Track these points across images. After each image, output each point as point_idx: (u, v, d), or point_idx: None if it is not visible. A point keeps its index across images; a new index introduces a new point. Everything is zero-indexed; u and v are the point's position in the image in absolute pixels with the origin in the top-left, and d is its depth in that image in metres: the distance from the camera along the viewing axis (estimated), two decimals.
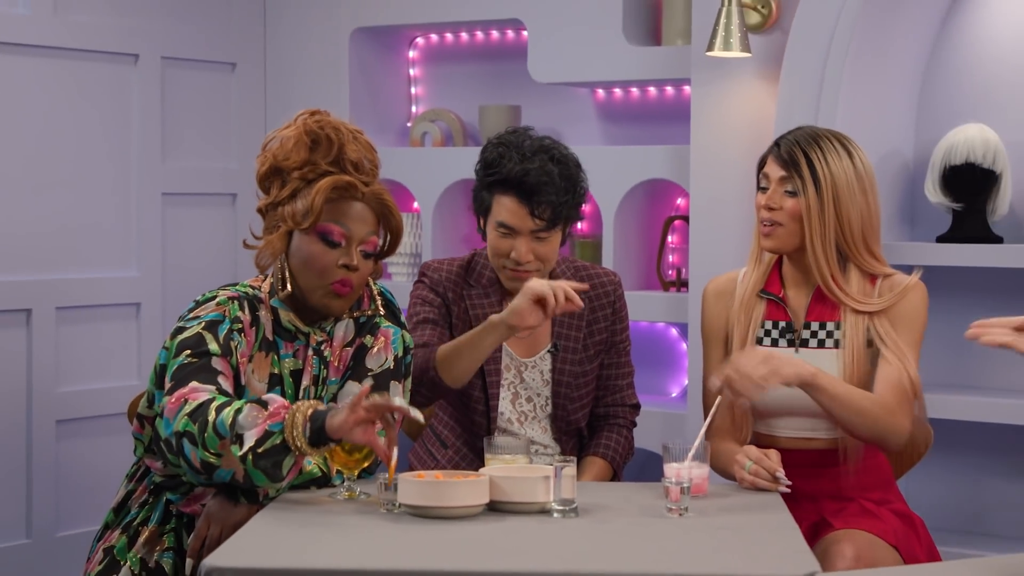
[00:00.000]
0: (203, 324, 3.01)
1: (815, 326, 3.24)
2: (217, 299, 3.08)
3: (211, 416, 2.83)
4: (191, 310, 3.08)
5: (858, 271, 3.23)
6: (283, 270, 3.10)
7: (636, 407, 3.63)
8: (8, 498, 4.43)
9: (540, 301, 3.16)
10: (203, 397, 2.88)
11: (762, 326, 3.26)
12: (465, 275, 3.52)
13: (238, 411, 2.83)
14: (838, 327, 3.23)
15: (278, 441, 2.80)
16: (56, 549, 4.51)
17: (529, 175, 3.34)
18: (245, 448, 2.80)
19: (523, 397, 3.49)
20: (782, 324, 3.26)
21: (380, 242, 3.15)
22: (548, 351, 3.49)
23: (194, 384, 2.91)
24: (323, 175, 3.08)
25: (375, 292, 3.23)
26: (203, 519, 2.99)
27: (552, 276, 3.49)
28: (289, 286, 3.09)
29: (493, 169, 3.40)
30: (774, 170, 3.25)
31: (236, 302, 3.07)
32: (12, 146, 4.42)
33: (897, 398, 3.14)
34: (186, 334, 3.00)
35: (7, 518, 4.42)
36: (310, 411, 2.82)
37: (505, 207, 3.37)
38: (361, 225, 3.09)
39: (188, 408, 2.86)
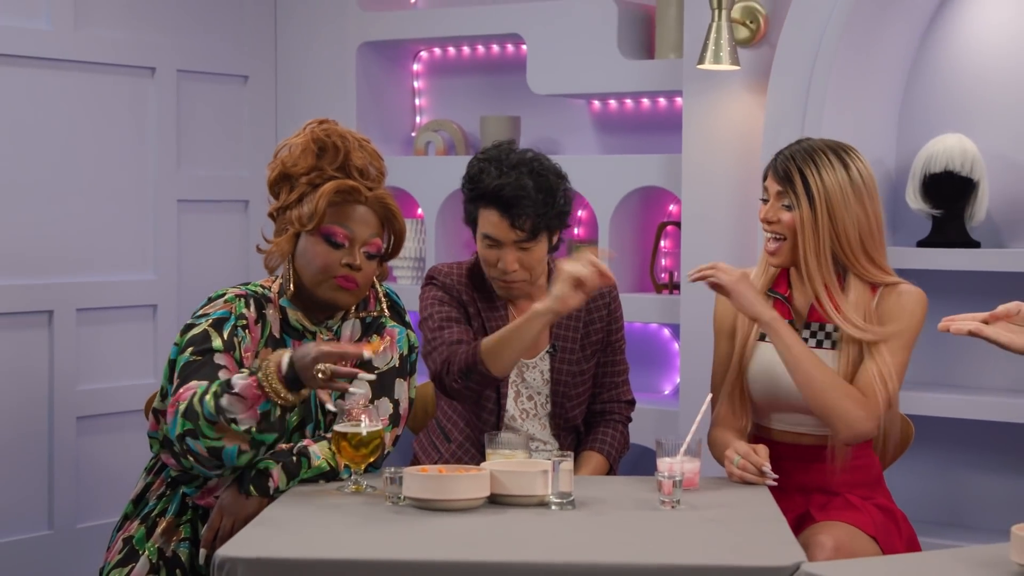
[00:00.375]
0: (210, 321, 3.07)
1: (815, 326, 3.27)
2: (225, 297, 3.14)
3: (198, 408, 2.89)
4: (202, 307, 3.14)
5: (858, 280, 3.24)
6: (290, 271, 3.15)
7: (631, 403, 3.66)
8: (31, 491, 4.45)
9: (578, 283, 3.19)
10: (189, 394, 2.94)
11: None
12: (471, 278, 3.54)
13: (216, 396, 2.89)
14: (837, 329, 3.24)
15: (278, 413, 2.89)
16: (76, 540, 4.52)
17: (504, 190, 3.36)
18: (244, 428, 2.87)
19: (524, 395, 3.53)
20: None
21: (384, 244, 3.19)
22: (547, 352, 3.53)
23: (190, 383, 2.97)
24: (329, 180, 3.13)
25: (381, 294, 3.27)
26: (216, 511, 3.03)
27: (552, 281, 3.50)
28: (293, 286, 3.13)
29: (474, 184, 3.44)
30: (772, 184, 3.26)
31: (243, 300, 3.12)
32: (35, 155, 4.44)
33: (866, 392, 3.16)
34: (194, 331, 3.06)
35: (30, 510, 4.44)
36: (279, 375, 2.89)
37: (488, 220, 3.40)
38: (364, 227, 3.14)
39: (181, 408, 2.92)
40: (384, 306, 3.26)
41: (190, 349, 3.04)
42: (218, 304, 3.12)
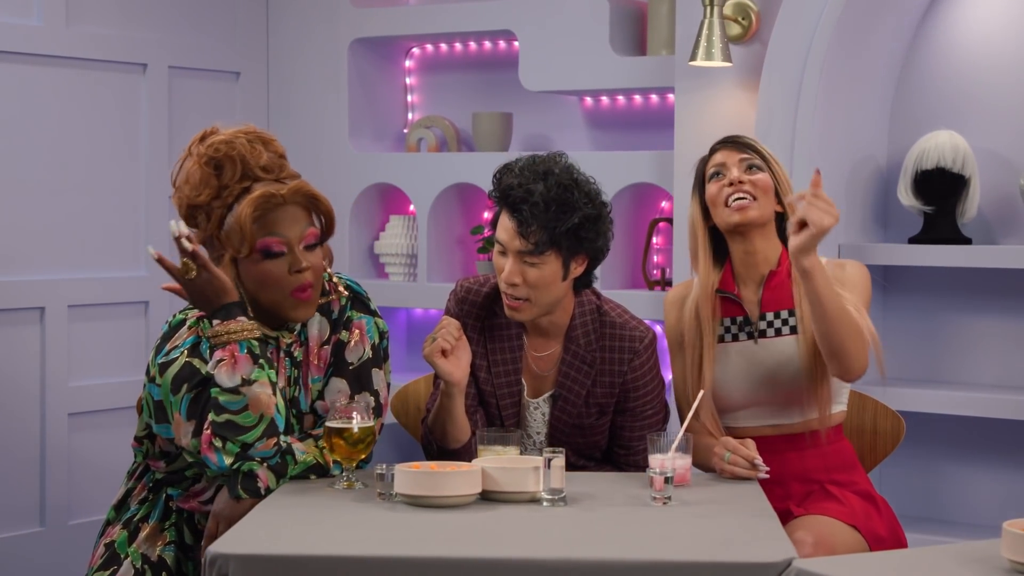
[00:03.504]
0: (186, 352, 3.01)
1: (770, 316, 3.26)
2: (187, 322, 3.07)
3: (225, 418, 2.91)
4: (165, 338, 3.07)
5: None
6: (242, 294, 3.08)
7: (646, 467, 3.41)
8: (23, 488, 4.47)
9: (440, 352, 3.15)
10: (211, 429, 2.94)
11: (721, 323, 3.28)
12: (493, 299, 3.35)
13: (218, 392, 2.92)
14: (792, 314, 3.24)
15: (255, 345, 2.95)
16: (68, 536, 4.55)
17: (513, 191, 3.16)
18: (255, 377, 2.93)
19: (524, 433, 3.37)
20: (740, 319, 3.28)
21: (318, 230, 3.11)
22: (550, 395, 3.35)
23: (206, 420, 2.97)
24: (240, 194, 3.04)
25: (340, 286, 3.20)
26: (211, 519, 3.00)
27: (571, 326, 3.31)
28: (251, 311, 3.06)
29: (494, 184, 3.25)
30: (730, 156, 3.27)
31: (205, 320, 3.05)
32: (27, 151, 4.46)
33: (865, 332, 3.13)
34: (175, 368, 2.99)
35: (22, 507, 4.47)
36: (214, 327, 2.97)
37: (501, 224, 3.20)
38: (294, 226, 3.05)
39: (217, 443, 2.92)
40: (341, 289, 3.20)
41: (185, 386, 2.98)
42: (183, 333, 3.06)
